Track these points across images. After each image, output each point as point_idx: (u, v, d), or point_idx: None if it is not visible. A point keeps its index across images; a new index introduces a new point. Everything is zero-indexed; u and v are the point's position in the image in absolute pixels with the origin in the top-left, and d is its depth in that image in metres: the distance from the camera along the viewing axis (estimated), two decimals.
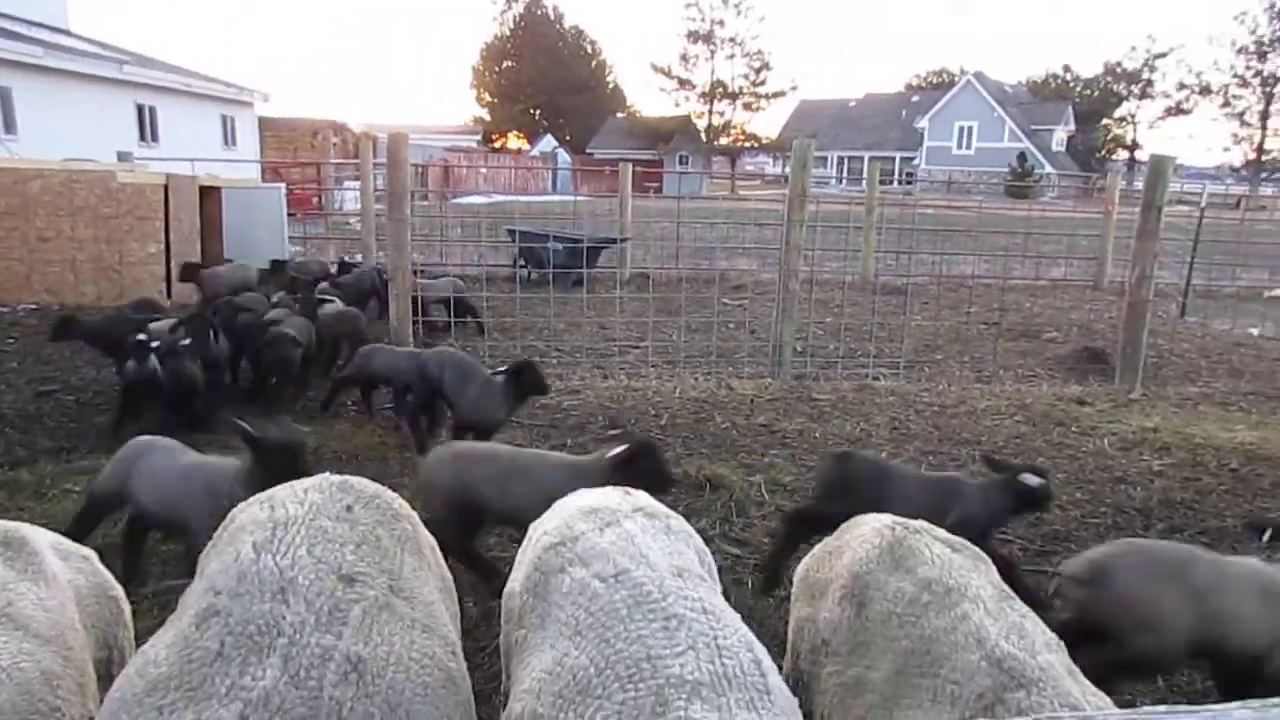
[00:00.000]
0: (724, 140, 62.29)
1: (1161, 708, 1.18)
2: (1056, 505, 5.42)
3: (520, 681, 1.80)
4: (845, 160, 62.62)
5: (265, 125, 31.04)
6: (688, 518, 4.92)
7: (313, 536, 1.84)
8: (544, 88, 68.14)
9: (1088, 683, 1.86)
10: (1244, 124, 61.67)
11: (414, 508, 2.28)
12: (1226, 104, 62.40)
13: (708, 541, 4.64)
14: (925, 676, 1.90)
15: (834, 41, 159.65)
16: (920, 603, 2.04)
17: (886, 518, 2.37)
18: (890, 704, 1.92)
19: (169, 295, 11.17)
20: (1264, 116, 60.76)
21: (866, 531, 2.32)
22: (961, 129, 60.77)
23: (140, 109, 24.09)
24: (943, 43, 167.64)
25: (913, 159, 61.36)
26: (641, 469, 3.67)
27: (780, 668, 2.46)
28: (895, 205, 22.80)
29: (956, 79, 66.07)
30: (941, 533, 2.32)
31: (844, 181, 50.61)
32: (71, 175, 11.04)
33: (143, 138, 23.76)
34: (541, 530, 2.16)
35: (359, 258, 15.06)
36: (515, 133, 70.66)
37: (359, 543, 1.89)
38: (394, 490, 2.24)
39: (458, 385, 5.70)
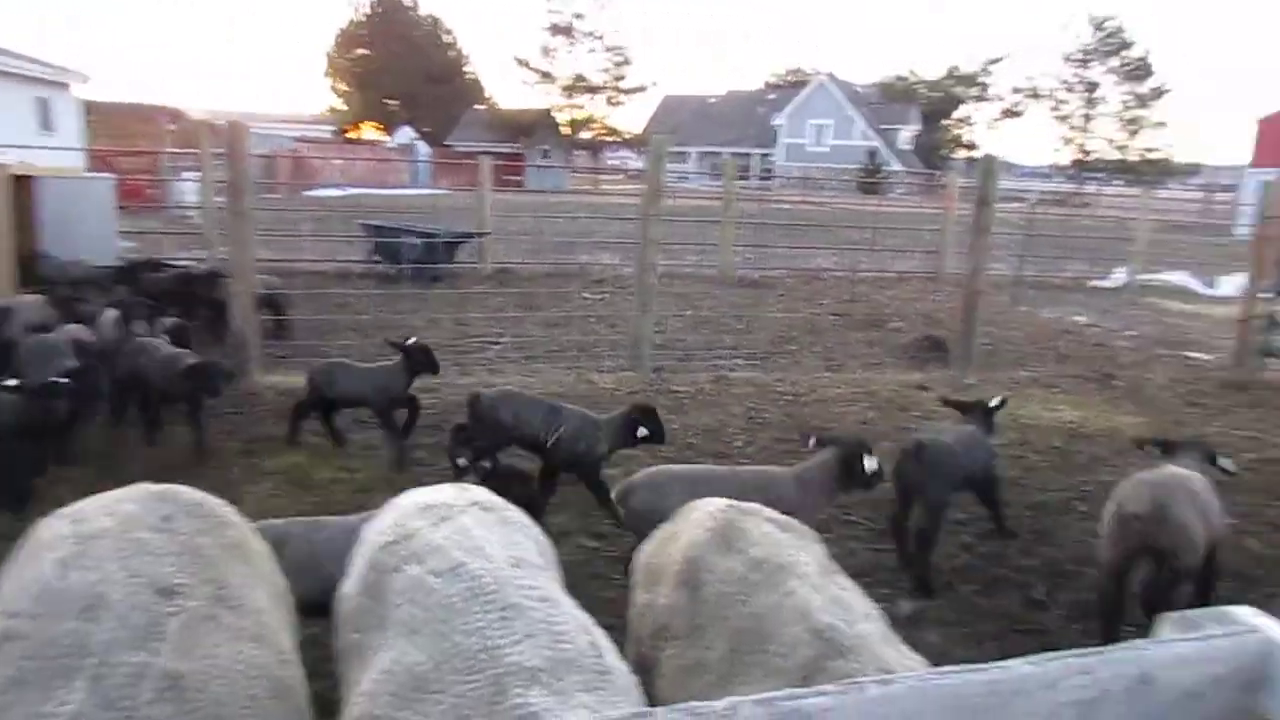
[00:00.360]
0: (586, 135, 62.33)
1: (954, 668, 1.27)
2: None
3: (357, 685, 1.76)
4: (706, 156, 63.83)
5: (93, 110, 28.91)
6: (548, 513, 4.97)
7: (125, 549, 1.74)
8: (401, 77, 66.14)
9: (902, 648, 1.98)
10: (1070, 127, 66.76)
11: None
12: (1055, 108, 67.35)
13: (567, 536, 4.73)
14: (756, 653, 1.97)
15: (695, 39, 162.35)
16: (750, 582, 2.11)
17: (721, 501, 2.44)
18: (726, 682, 1.98)
19: None
20: (1087, 120, 65.96)
21: (700, 516, 2.38)
22: (816, 127, 62.97)
23: None
24: (797, 44, 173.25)
25: (770, 155, 63.19)
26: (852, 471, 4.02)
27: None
28: (753, 200, 23.47)
29: (810, 79, 68.33)
30: (771, 513, 2.40)
31: (705, 177, 51.58)
32: None
33: None
34: (375, 530, 2.11)
35: (201, 254, 14.28)
36: (372, 123, 68.42)
37: (179, 553, 1.80)
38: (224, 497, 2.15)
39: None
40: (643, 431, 4.87)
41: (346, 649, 1.95)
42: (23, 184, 11.52)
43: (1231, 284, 15.85)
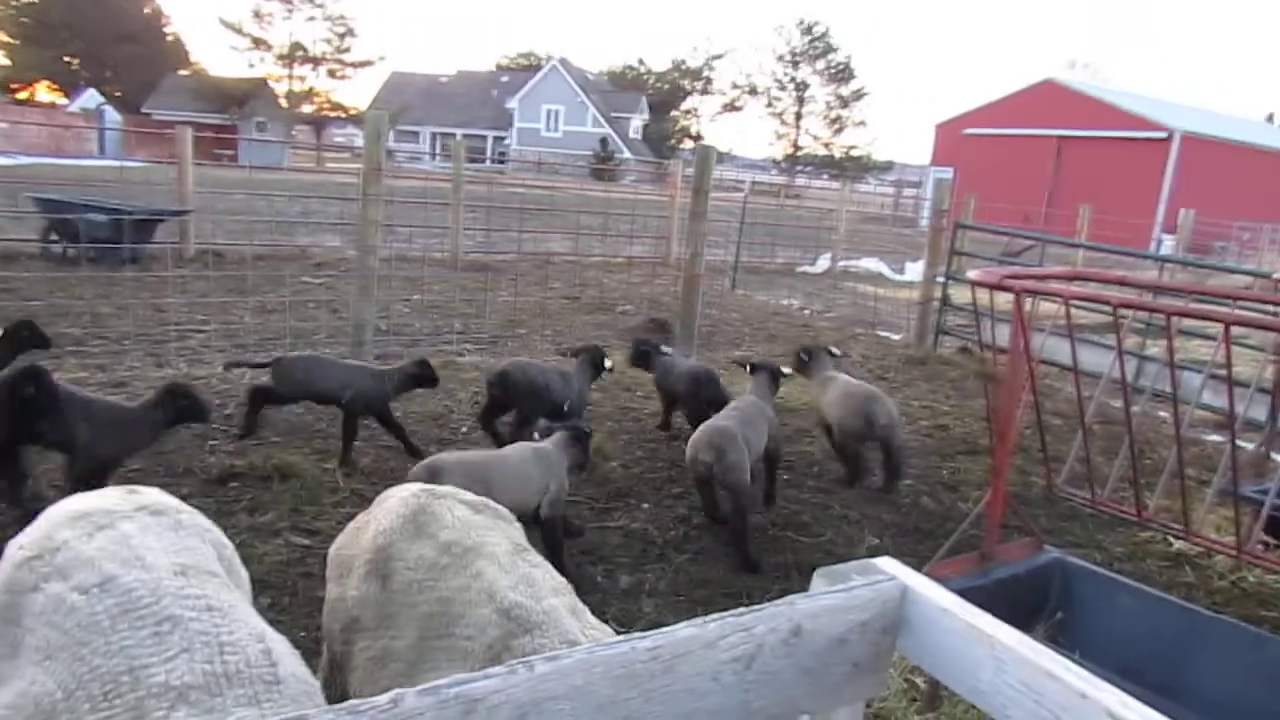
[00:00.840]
0: (307, 108, 58.59)
1: (619, 638, 1.31)
2: (620, 464, 5.92)
3: None
4: (438, 136, 62.33)
5: None
6: (254, 511, 4.63)
7: None
8: (82, 32, 58.46)
9: (589, 619, 2.03)
10: (783, 123, 72.35)
11: None
12: (769, 104, 72.70)
13: (275, 534, 4.43)
14: (443, 638, 1.95)
15: (425, 14, 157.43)
16: (439, 566, 2.08)
17: (415, 486, 2.38)
18: (414, 670, 1.94)
19: None
20: (798, 117, 71.81)
21: (393, 502, 2.32)
22: (549, 112, 63.49)
23: None
24: (530, 26, 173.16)
25: (504, 139, 62.91)
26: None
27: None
28: (485, 183, 23.18)
29: (543, 63, 68.70)
30: (467, 495, 2.38)
31: (437, 158, 50.25)
32: None
33: None
34: (17, 545, 1.84)
35: None
36: (46, 83, 60.09)
37: None
38: None
39: None
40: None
41: None
42: None
43: (916, 270, 17.93)
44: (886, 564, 1.59)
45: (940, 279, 10.75)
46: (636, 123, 67.33)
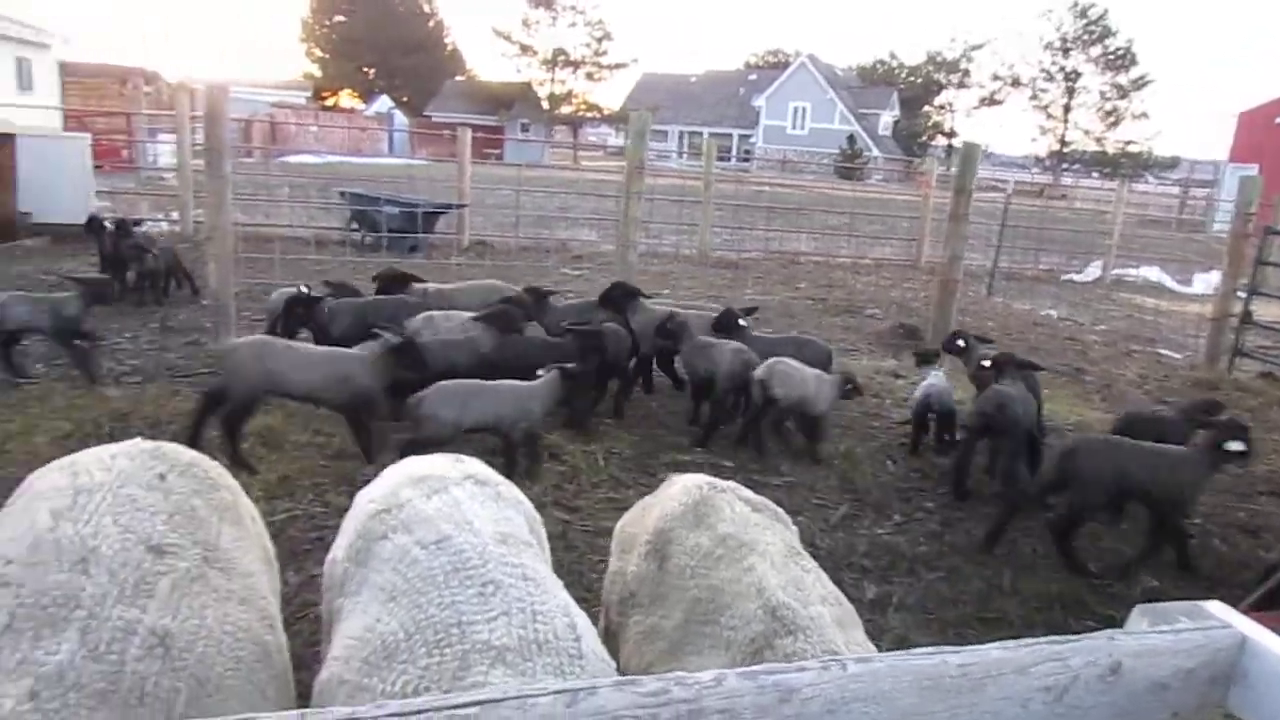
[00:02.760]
0: (566, 109, 61.85)
1: (931, 649, 1.31)
2: (870, 471, 5.81)
3: (333, 648, 1.78)
4: (686, 135, 63.61)
5: (68, 71, 28.20)
6: (523, 485, 5.00)
7: (119, 505, 1.73)
8: (378, 46, 65.21)
9: (857, 634, 2.02)
10: (1049, 116, 66.61)
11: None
12: (1034, 97, 67.13)
13: (541, 508, 4.74)
14: (708, 624, 2.02)
15: (676, 16, 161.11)
16: (713, 556, 2.15)
17: (700, 478, 2.48)
18: (677, 649, 2.03)
19: None
20: (1066, 110, 65.71)
21: (676, 490, 2.43)
22: (796, 109, 62.90)
23: None
24: (779, 24, 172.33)
25: (750, 137, 63.08)
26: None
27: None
28: (732, 182, 23.44)
29: (791, 60, 68.16)
30: (747, 493, 2.45)
31: (684, 156, 51.32)
32: None
33: None
34: (368, 498, 2.13)
35: (175, 215, 14.08)
36: (348, 91, 67.47)
37: (172, 512, 1.80)
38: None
39: None
40: None
41: (330, 613, 1.97)
42: (0, 142, 11.34)
43: (1206, 281, 16.10)
44: (1218, 609, 1.48)
45: (1241, 293, 9.60)
46: (886, 119, 65.15)
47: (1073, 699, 1.34)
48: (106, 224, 8.96)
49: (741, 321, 6.61)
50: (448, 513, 1.93)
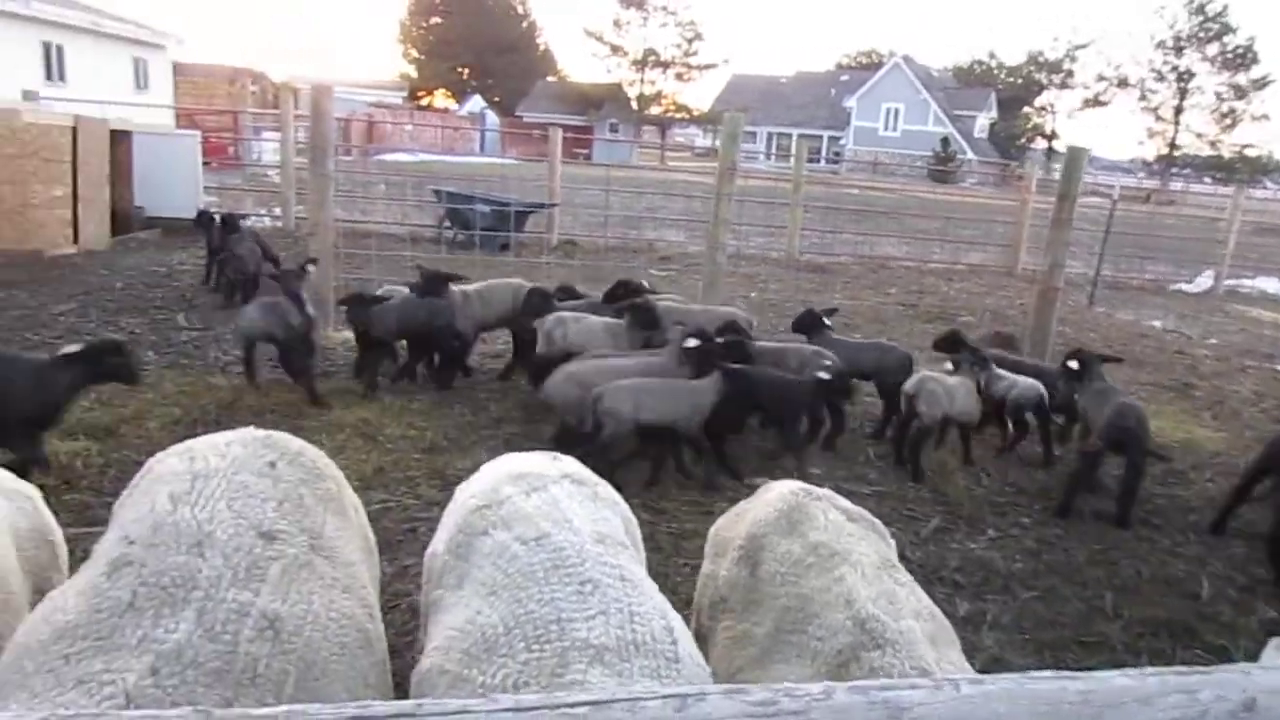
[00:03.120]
0: (655, 110, 62.06)
1: (1049, 673, 1.26)
2: (965, 484, 5.65)
3: (432, 639, 1.81)
4: (774, 136, 63.06)
5: (179, 70, 29.65)
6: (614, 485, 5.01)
7: (233, 491, 1.81)
8: (473, 46, 66.62)
9: (949, 652, 1.96)
10: (1158, 119, 63.41)
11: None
12: (1143, 98, 63.99)
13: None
14: (796, 633, 1.99)
15: (768, 16, 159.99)
16: (804, 564, 2.13)
17: (796, 484, 2.45)
18: (765, 657, 2.01)
19: (75, 240, 10.68)
20: (1178, 112, 62.37)
21: (772, 496, 2.41)
22: (888, 110, 61.69)
23: (47, 47, 22.75)
24: (872, 24, 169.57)
25: (840, 139, 62.16)
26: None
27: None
28: (821, 184, 23.14)
29: (884, 61, 66.90)
30: (843, 502, 2.41)
31: (773, 158, 50.89)
32: None
33: (49, 77, 22.44)
34: (469, 493, 2.16)
35: (277, 211, 14.61)
36: (442, 91, 69.09)
37: (281, 500, 1.86)
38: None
39: None
40: None
41: (429, 604, 2.00)
42: (118, 138, 11.95)
43: None
44: None
45: None
46: (982, 121, 63.37)
47: None
48: (215, 218, 9.35)
49: (826, 321, 6.51)
50: (547, 510, 1.95)
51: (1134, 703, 1.25)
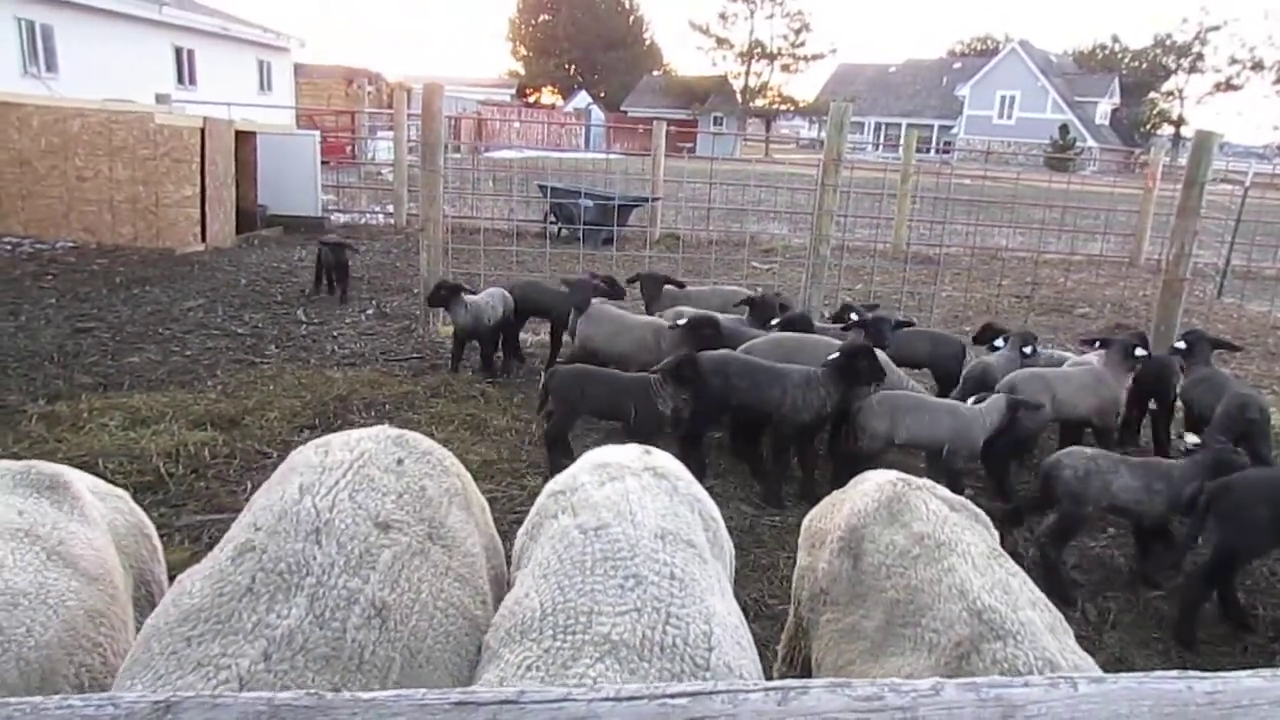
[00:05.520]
0: (760, 102, 61.42)
1: (1173, 672, 1.20)
2: None
3: (497, 613, 1.84)
4: (883, 127, 61.55)
5: (299, 72, 30.99)
6: (717, 479, 5.01)
7: (357, 483, 1.86)
8: (580, 43, 67.37)
9: (1069, 642, 1.88)
10: None
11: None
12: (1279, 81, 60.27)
13: (728, 502, 4.76)
14: (908, 625, 1.94)
15: (877, 4, 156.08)
16: (910, 555, 2.07)
17: (893, 474, 2.40)
18: (878, 650, 1.96)
19: (203, 238, 11.29)
20: None
21: (869, 486, 2.36)
22: (1003, 98, 59.42)
23: (178, 51, 24.15)
24: (988, 9, 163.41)
25: (951, 128, 60.22)
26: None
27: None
28: (931, 174, 22.43)
29: (1001, 47, 64.43)
30: (943, 491, 2.34)
31: (880, 148, 49.67)
32: (111, 116, 11.12)
33: (180, 80, 23.84)
34: (554, 479, 2.21)
35: (389, 208, 15.12)
36: (549, 88, 70.10)
37: (401, 492, 1.91)
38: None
39: None
40: None
41: (510, 584, 2.05)
42: (243, 139, 12.57)
43: None
44: None
45: None
46: (1104, 107, 60.34)
47: None
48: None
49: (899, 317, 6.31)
50: (614, 502, 1.94)
51: (1267, 705, 1.18)
